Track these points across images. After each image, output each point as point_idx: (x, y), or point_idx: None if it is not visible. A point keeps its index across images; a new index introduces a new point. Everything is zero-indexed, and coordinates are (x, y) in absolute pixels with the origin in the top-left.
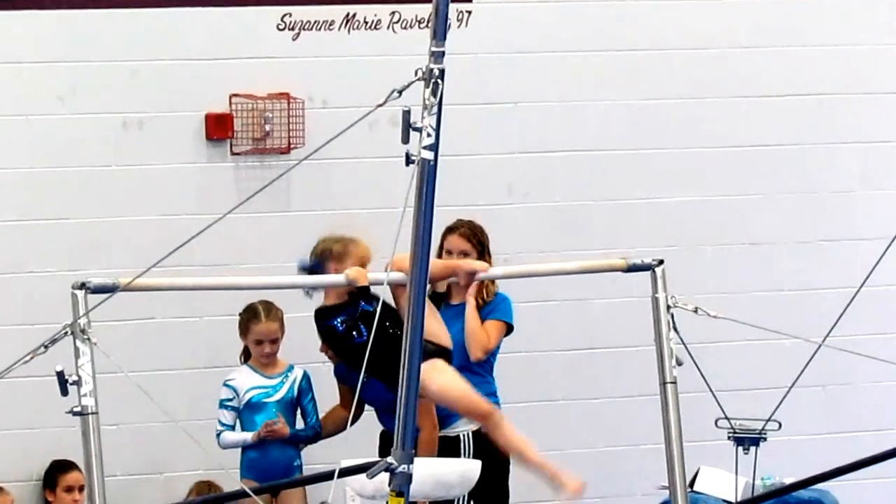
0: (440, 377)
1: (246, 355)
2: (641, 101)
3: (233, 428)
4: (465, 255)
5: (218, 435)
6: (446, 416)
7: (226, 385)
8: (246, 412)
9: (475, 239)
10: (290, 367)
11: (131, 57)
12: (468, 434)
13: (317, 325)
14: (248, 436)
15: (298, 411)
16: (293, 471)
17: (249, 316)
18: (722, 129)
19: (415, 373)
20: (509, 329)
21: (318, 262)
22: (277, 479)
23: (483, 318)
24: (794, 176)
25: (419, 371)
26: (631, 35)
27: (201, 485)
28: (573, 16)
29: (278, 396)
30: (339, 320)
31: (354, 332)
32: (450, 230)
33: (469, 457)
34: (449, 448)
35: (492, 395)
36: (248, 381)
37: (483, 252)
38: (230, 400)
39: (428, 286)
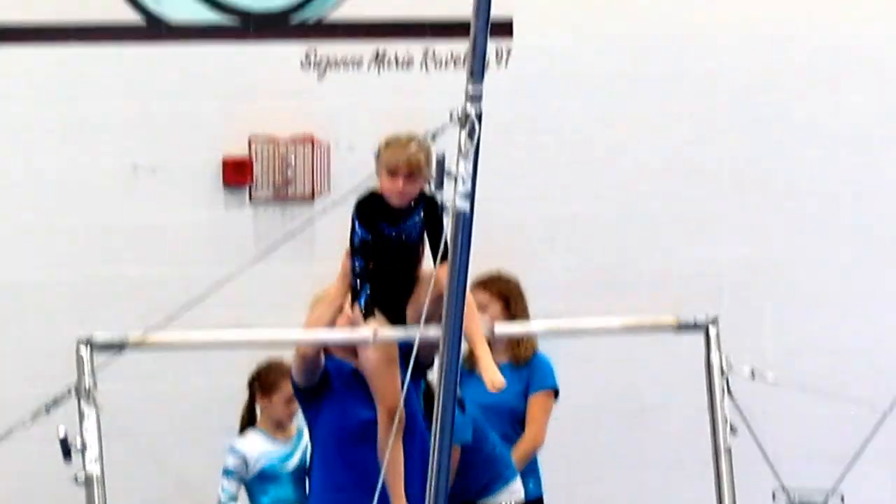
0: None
1: (248, 421)
2: (694, 147)
3: (236, 499)
4: (484, 308)
5: None
6: (486, 483)
7: (233, 451)
8: (257, 483)
9: (494, 289)
10: (301, 432)
11: (142, 96)
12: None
13: (365, 222)
14: None
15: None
16: None
17: (279, 373)
18: (779, 176)
19: (447, 444)
20: (556, 394)
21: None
22: None
23: (525, 390)
24: (859, 226)
25: (451, 442)
26: (684, 72)
27: None
28: (625, 53)
29: (293, 463)
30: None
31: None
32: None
33: None
34: None
35: (533, 464)
36: (259, 447)
37: (508, 306)
38: (237, 468)
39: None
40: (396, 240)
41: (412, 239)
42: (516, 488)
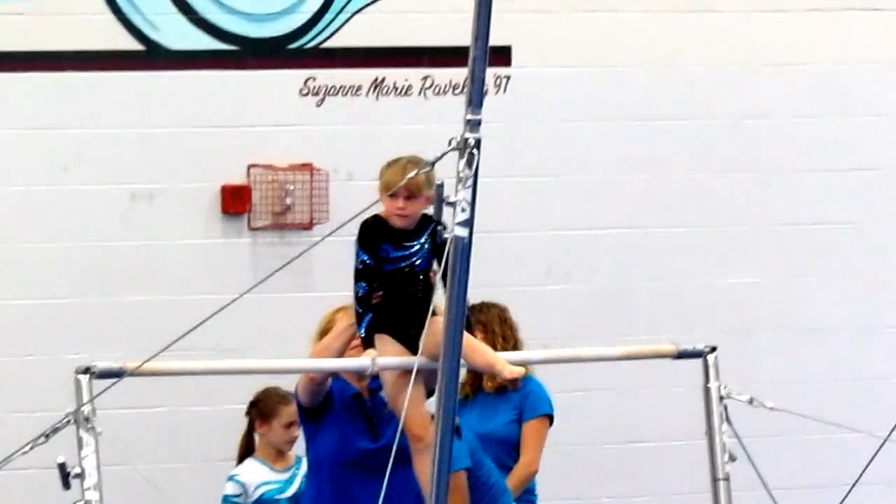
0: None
1: (247, 449)
2: (692, 175)
3: None
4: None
5: None
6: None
7: (232, 480)
8: None
9: (474, 319)
10: (299, 459)
11: (141, 123)
12: None
13: (367, 246)
14: None
15: None
16: None
17: (278, 398)
18: (778, 205)
19: (445, 471)
20: (551, 420)
21: None
22: None
23: (518, 417)
24: (858, 256)
25: (448, 469)
26: (682, 103)
27: None
28: (620, 81)
29: (291, 492)
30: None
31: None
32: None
33: None
34: None
35: (529, 491)
36: (257, 475)
37: (487, 333)
38: (237, 496)
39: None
40: (402, 264)
41: (420, 265)
42: None
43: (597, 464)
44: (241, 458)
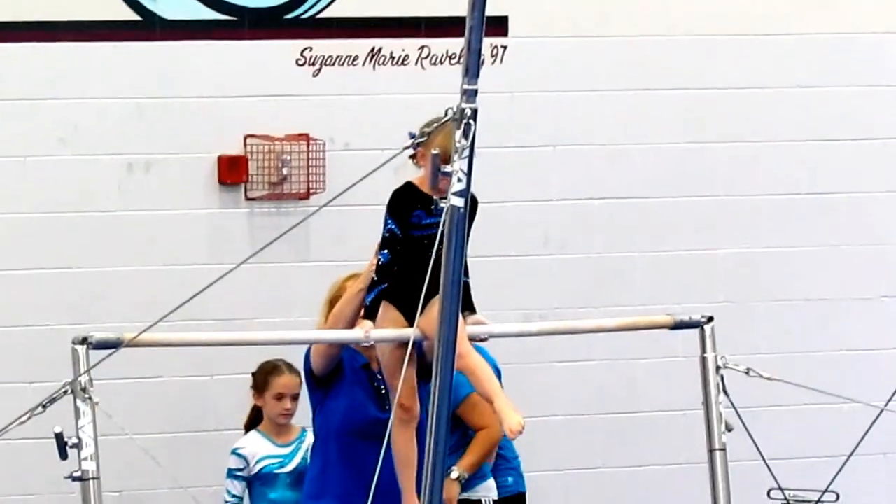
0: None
1: (253, 422)
2: (689, 144)
3: (241, 500)
4: None
5: None
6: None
7: (235, 454)
8: (256, 485)
9: None
10: (303, 433)
11: (138, 94)
12: (489, 500)
13: (397, 214)
14: None
15: None
16: None
17: (269, 370)
18: (776, 174)
19: (442, 441)
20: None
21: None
22: None
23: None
24: (855, 226)
25: (446, 439)
26: (679, 73)
27: None
28: (617, 52)
29: (291, 466)
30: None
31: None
32: None
33: None
34: None
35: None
36: (259, 449)
37: None
38: (240, 470)
39: None
40: (431, 231)
41: None
42: (492, 486)
43: (593, 434)
44: (247, 431)
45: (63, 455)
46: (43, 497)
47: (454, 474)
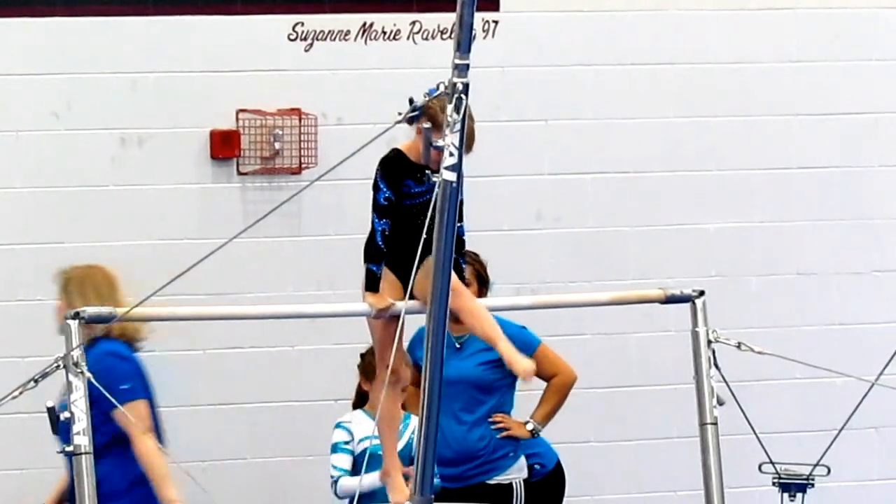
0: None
1: (359, 402)
2: (681, 119)
3: (350, 473)
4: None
5: (334, 482)
6: (496, 459)
7: (340, 427)
8: (358, 464)
9: (474, 268)
10: (408, 416)
11: (130, 69)
12: (520, 483)
13: (391, 181)
14: (376, 479)
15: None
16: None
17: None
18: (768, 149)
19: (434, 411)
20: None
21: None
22: None
23: (495, 360)
24: (847, 201)
25: (438, 409)
26: (671, 48)
27: None
28: (609, 27)
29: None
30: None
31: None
32: None
33: None
34: (501, 497)
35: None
36: (364, 428)
37: (481, 287)
38: (346, 443)
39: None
40: (419, 200)
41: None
42: (523, 465)
43: (585, 408)
44: (355, 408)
45: (55, 430)
46: (36, 472)
47: (529, 426)
